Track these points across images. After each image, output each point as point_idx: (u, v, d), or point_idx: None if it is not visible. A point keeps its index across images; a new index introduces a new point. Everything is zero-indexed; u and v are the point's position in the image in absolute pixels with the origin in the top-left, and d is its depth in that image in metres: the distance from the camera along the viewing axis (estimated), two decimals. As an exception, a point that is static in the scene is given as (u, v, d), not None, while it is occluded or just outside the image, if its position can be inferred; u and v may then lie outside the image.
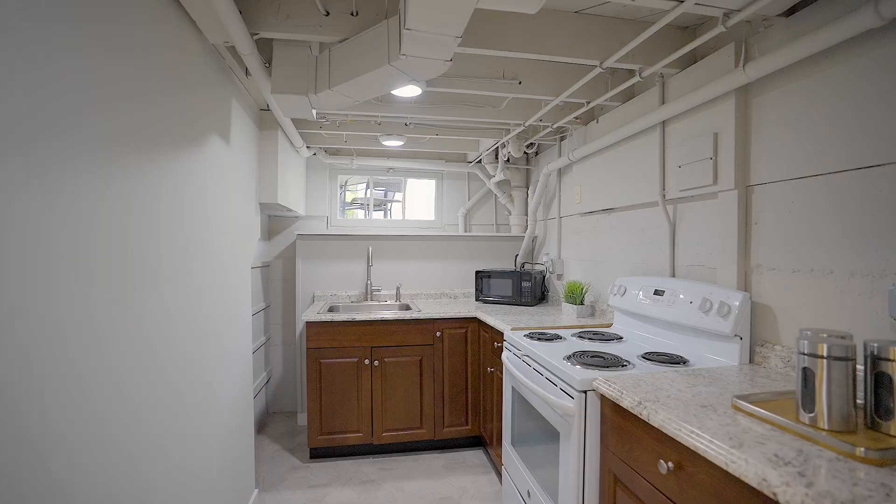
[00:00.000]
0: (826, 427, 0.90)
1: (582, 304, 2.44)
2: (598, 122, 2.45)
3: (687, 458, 0.96)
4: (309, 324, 2.53)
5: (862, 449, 0.79)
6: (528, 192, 3.44)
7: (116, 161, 0.97)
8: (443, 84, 1.98)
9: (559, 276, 2.96)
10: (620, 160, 2.22)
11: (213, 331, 1.61)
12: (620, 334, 1.96)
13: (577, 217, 2.73)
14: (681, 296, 1.67)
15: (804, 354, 0.94)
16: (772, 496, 0.73)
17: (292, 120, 2.46)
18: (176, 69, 1.26)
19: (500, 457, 2.29)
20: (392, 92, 2.01)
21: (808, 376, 0.93)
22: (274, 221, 3.36)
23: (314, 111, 1.78)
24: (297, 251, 3.20)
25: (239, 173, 1.97)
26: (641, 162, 2.05)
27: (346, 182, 3.63)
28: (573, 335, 1.96)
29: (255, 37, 1.50)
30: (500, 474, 2.40)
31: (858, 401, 1.01)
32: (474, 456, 2.66)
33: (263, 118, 2.41)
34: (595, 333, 1.96)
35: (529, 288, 2.87)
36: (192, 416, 1.41)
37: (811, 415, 0.92)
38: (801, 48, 1.22)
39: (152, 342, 1.14)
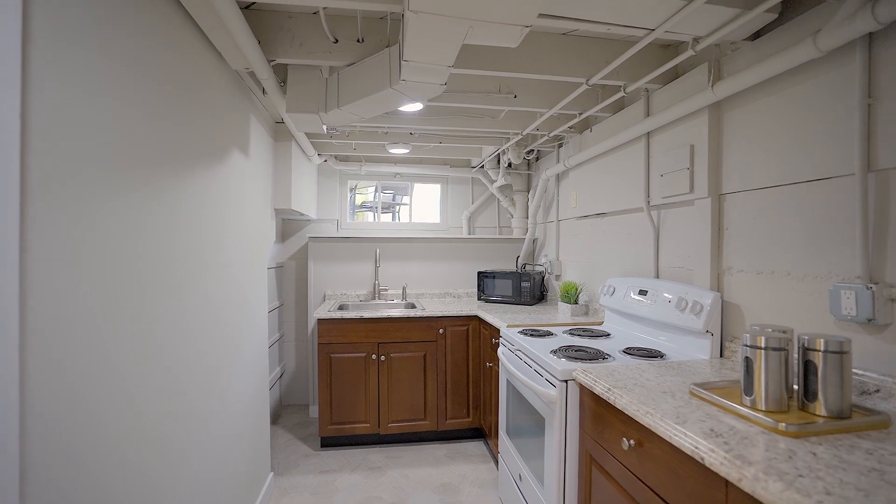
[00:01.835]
0: (763, 408, 1.04)
1: (576, 303, 2.58)
2: (591, 131, 2.58)
3: (644, 435, 1.11)
4: (320, 321, 2.71)
5: (783, 424, 0.93)
6: (529, 195, 3.58)
7: (153, 174, 1.15)
8: (444, 99, 2.14)
9: (557, 277, 3.10)
10: (612, 167, 2.35)
11: (232, 328, 1.79)
12: (608, 331, 2.10)
13: (573, 220, 2.87)
14: (662, 295, 1.80)
15: (747, 346, 1.08)
16: (700, 460, 0.88)
17: (305, 132, 2.63)
18: (203, 93, 1.44)
19: (497, 446, 2.44)
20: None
21: (749, 365, 1.07)
22: (287, 224, 3.56)
23: (324, 127, 1.95)
24: (309, 253, 3.39)
25: (256, 181, 2.15)
26: (630, 170, 2.19)
27: (356, 185, 3.81)
28: (564, 332, 2.10)
29: (272, 63, 1.68)
30: (497, 463, 2.54)
31: (796, 386, 1.15)
32: (475, 447, 2.82)
33: (278, 130, 2.60)
34: (585, 330, 2.10)
35: (529, 288, 3.01)
36: (214, 407, 1.59)
37: (751, 398, 1.06)
38: (758, 73, 1.35)
39: (176, 341, 1.33)
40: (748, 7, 1.30)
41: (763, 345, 1.05)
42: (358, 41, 1.67)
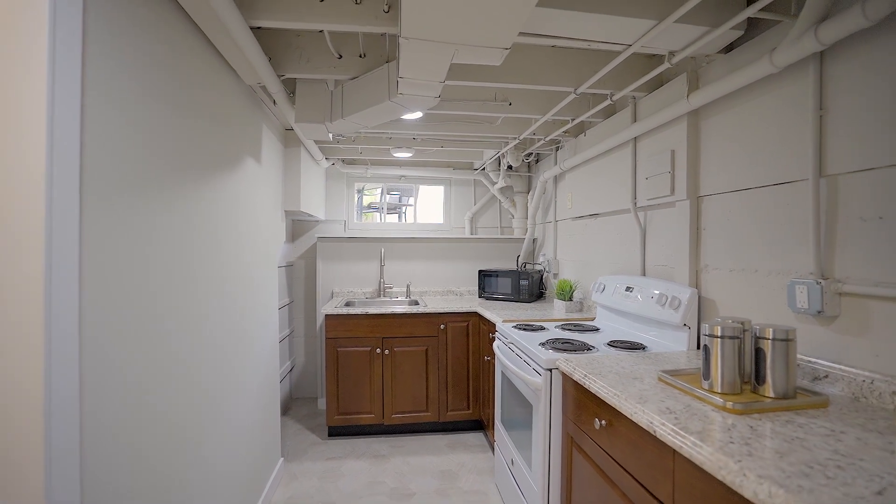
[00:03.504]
0: (719, 391, 1.15)
1: (571, 300, 2.69)
2: (585, 135, 2.70)
3: (612, 415, 1.23)
4: (328, 316, 2.86)
5: (731, 403, 1.04)
6: (529, 197, 3.70)
7: (175, 180, 1.30)
8: (443, 107, 2.28)
9: (555, 275, 3.21)
10: (603, 170, 2.47)
11: (245, 325, 1.94)
12: (598, 326, 2.21)
13: (569, 221, 2.99)
14: (646, 292, 1.92)
15: (705, 335, 1.20)
16: (653, 433, 1.00)
17: (312, 139, 2.79)
18: (220, 107, 1.60)
19: (494, 436, 2.57)
20: (397, 114, 2.32)
21: (707, 352, 1.19)
22: (297, 225, 3.72)
23: (330, 135, 2.10)
24: (317, 252, 3.55)
25: (267, 185, 2.31)
26: (619, 173, 2.30)
27: (363, 187, 3.96)
28: (556, 327, 2.22)
29: (282, 77, 1.82)
30: (494, 452, 2.67)
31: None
32: (475, 437, 2.95)
33: (288, 137, 2.75)
34: (576, 325, 2.22)
35: (527, 286, 3.13)
36: (229, 398, 1.74)
37: (708, 381, 1.17)
38: (726, 85, 1.47)
39: (194, 337, 1.48)
40: (715, 25, 1.41)
41: (719, 334, 1.17)
42: (360, 56, 1.81)
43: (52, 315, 0.81)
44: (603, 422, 1.27)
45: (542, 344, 1.80)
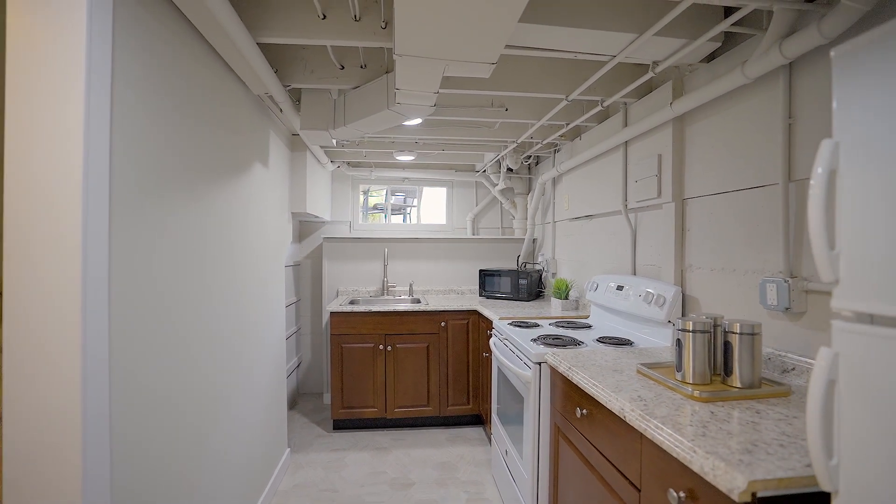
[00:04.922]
0: (690, 381, 1.24)
1: (567, 298, 2.77)
2: (581, 139, 2.78)
3: (592, 404, 1.32)
4: (333, 314, 2.97)
5: (697, 392, 1.13)
6: (529, 198, 3.78)
7: (190, 184, 1.42)
8: (442, 113, 2.37)
9: (553, 275, 3.29)
10: (597, 173, 2.55)
11: (254, 322, 2.06)
12: (591, 324, 2.29)
13: (566, 222, 3.07)
14: (635, 290, 1.99)
15: (678, 330, 1.28)
16: (623, 418, 1.09)
17: (317, 145, 2.90)
18: (230, 116, 1.71)
19: (491, 429, 2.66)
20: (398, 120, 2.42)
21: (680, 345, 1.27)
22: (304, 226, 3.84)
23: (334, 141, 2.21)
24: (323, 252, 3.67)
25: (275, 189, 2.43)
26: (612, 175, 2.38)
27: (368, 189, 4.08)
28: (550, 324, 2.31)
29: (288, 87, 1.93)
30: (492, 444, 2.76)
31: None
32: (474, 432, 3.04)
33: (294, 141, 2.87)
34: (570, 323, 2.31)
35: (526, 285, 3.22)
36: (238, 391, 1.86)
37: (681, 373, 1.26)
38: (705, 94, 1.55)
39: (205, 333, 1.59)
40: (693, 37, 1.49)
41: (691, 328, 1.25)
42: (361, 67, 1.91)
43: (87, 316, 0.92)
44: (584, 411, 1.36)
45: (534, 340, 1.89)
